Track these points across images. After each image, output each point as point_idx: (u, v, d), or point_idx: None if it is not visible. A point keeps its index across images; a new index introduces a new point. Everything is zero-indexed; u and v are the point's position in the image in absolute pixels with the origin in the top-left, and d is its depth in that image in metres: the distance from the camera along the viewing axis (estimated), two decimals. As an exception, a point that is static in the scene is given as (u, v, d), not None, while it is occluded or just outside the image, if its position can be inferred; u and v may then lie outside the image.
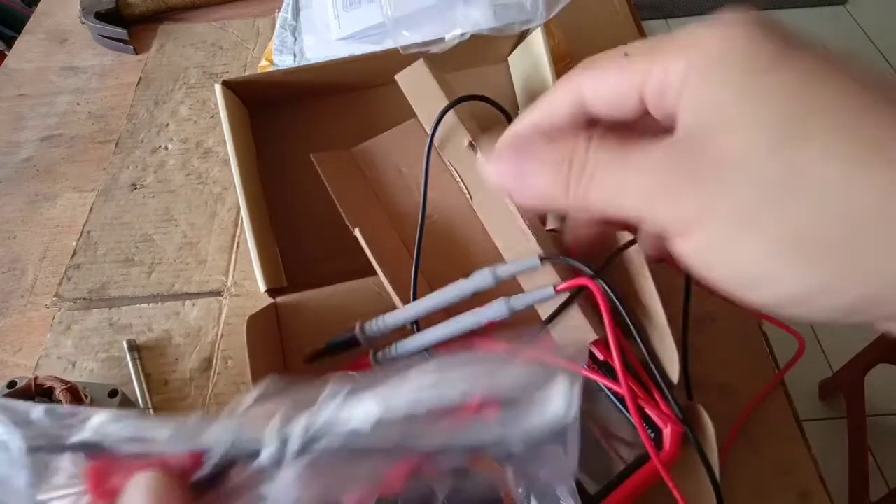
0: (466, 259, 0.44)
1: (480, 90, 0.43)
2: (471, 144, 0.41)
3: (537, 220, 0.45)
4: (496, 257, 0.42)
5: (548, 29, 0.48)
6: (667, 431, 0.36)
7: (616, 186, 0.18)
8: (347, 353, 0.41)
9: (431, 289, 0.43)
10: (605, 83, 0.20)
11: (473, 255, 0.44)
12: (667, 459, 0.35)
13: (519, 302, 0.37)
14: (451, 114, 0.42)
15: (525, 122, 0.23)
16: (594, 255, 0.34)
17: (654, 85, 0.18)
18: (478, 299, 0.39)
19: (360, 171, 0.47)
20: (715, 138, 0.17)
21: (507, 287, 0.39)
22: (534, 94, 0.50)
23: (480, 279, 0.38)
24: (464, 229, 0.45)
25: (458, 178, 0.43)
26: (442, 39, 0.46)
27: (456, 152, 0.42)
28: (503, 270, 0.38)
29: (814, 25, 2.01)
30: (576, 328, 0.38)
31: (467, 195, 0.43)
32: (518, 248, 0.40)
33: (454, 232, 0.45)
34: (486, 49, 0.51)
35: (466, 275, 0.40)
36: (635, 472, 0.35)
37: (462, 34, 0.45)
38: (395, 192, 0.46)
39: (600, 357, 0.38)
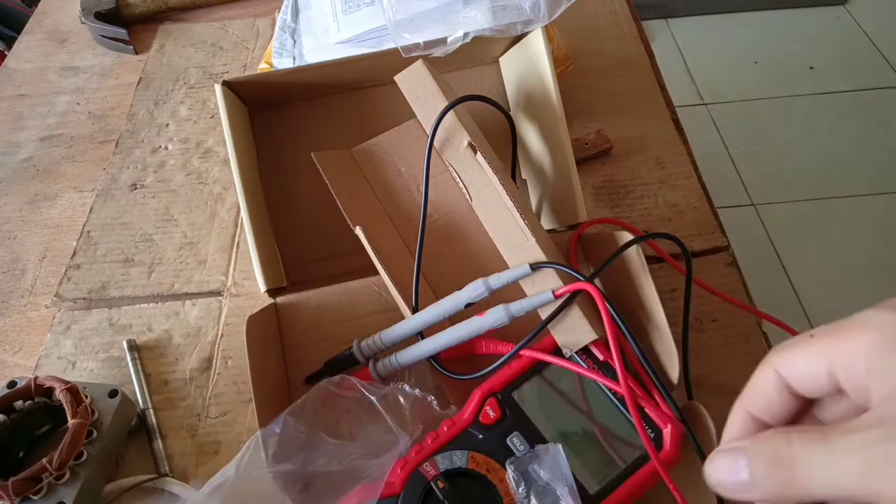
0: (466, 259, 0.44)
1: (471, 90, 0.43)
2: (470, 145, 0.41)
3: (536, 220, 0.45)
4: (496, 257, 0.42)
5: (547, 31, 0.47)
6: (667, 431, 0.36)
7: (824, 474, 0.19)
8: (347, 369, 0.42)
9: (431, 288, 0.43)
10: (797, 363, 0.22)
11: (473, 255, 0.44)
12: (667, 459, 0.35)
13: (518, 308, 0.37)
14: (450, 114, 0.42)
15: (737, 412, 0.26)
16: None
17: (840, 361, 0.21)
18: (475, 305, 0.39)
19: (359, 170, 0.47)
20: None
21: (507, 290, 0.39)
22: (530, 95, 0.50)
23: (473, 290, 0.39)
24: (464, 229, 0.45)
25: (457, 179, 0.43)
26: (443, 41, 0.46)
27: (455, 153, 0.42)
28: (496, 280, 0.38)
29: (814, 25, 2.01)
30: (576, 329, 0.38)
31: (467, 196, 0.43)
32: (517, 248, 0.40)
33: (454, 232, 0.45)
34: (478, 50, 0.51)
35: (466, 274, 0.40)
36: (635, 473, 0.35)
37: (465, 35, 0.45)
38: (395, 192, 0.46)
39: (600, 357, 0.38)
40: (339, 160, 0.46)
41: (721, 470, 0.22)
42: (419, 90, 0.43)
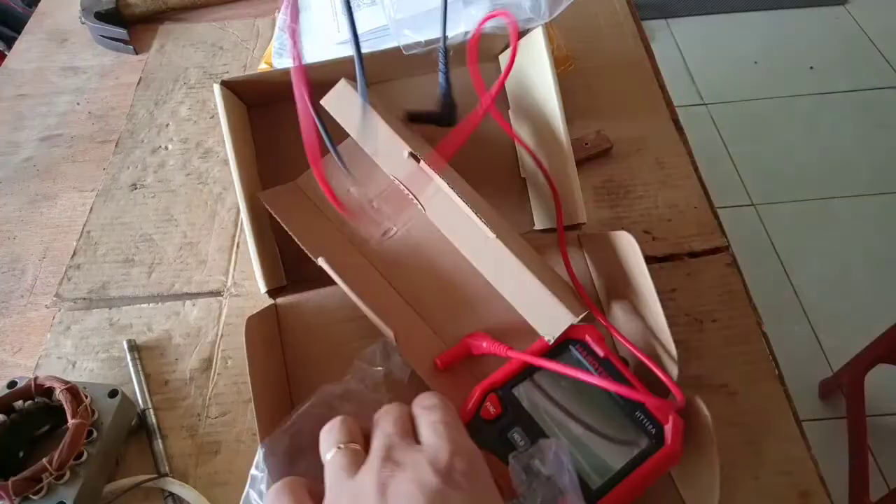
0: (433, 266, 0.44)
1: (471, 88, 0.44)
2: (411, 154, 0.41)
3: (496, 215, 0.45)
4: (462, 259, 0.41)
5: (547, 31, 0.47)
6: (668, 427, 0.36)
7: None
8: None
9: (404, 300, 0.44)
10: None
11: (438, 261, 0.44)
12: (669, 454, 0.35)
13: None
14: (385, 128, 0.41)
15: None
16: None
17: None
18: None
19: (309, 200, 0.47)
20: None
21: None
22: (530, 94, 0.50)
23: None
24: (424, 239, 0.45)
25: (406, 191, 0.43)
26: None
27: (399, 165, 0.42)
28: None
29: (814, 25, 2.01)
30: (553, 315, 0.38)
31: (419, 206, 0.43)
32: (480, 248, 0.40)
33: (415, 242, 0.45)
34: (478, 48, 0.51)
35: (434, 282, 0.40)
36: (637, 469, 0.35)
37: (465, 33, 0.45)
38: (350, 213, 0.46)
39: (601, 353, 0.38)
40: (287, 195, 0.46)
41: None
42: (347, 110, 0.43)
